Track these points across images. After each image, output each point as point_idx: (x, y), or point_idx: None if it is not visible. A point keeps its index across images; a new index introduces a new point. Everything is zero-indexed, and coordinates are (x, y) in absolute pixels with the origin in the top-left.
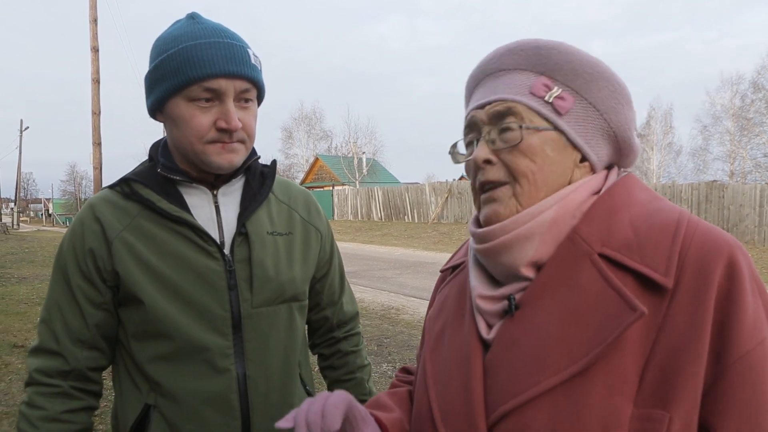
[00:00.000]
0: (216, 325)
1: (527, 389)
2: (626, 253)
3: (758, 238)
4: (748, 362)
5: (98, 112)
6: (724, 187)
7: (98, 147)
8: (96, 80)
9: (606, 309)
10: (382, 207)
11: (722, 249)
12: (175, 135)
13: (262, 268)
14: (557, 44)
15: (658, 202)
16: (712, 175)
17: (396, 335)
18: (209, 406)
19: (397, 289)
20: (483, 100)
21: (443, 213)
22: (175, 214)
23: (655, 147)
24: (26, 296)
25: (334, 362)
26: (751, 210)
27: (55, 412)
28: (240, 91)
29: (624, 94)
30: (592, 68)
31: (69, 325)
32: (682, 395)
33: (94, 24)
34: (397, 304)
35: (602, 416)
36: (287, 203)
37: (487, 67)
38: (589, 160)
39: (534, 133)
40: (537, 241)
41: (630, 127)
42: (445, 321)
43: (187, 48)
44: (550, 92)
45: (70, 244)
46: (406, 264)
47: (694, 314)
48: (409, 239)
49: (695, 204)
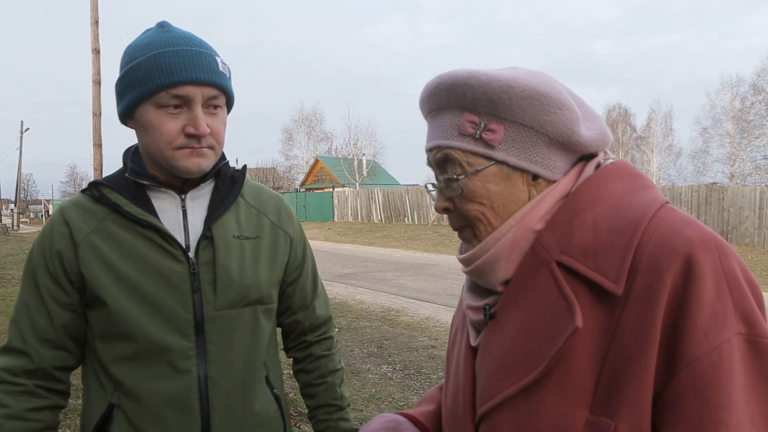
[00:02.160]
0: (179, 327)
1: (495, 395)
2: (581, 259)
3: (758, 240)
4: (696, 369)
5: (99, 113)
6: (723, 190)
7: (99, 148)
8: (97, 82)
9: (557, 318)
10: (382, 209)
11: (678, 248)
12: (145, 141)
13: (226, 271)
14: (468, 77)
15: (632, 195)
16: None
17: (396, 337)
18: (170, 407)
19: (397, 291)
20: (427, 144)
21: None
22: (141, 218)
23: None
24: None
25: (306, 366)
26: (751, 212)
27: (19, 410)
28: (208, 98)
29: (551, 102)
30: (507, 92)
31: (35, 325)
32: (628, 403)
33: (95, 26)
34: (397, 306)
35: (556, 423)
36: (257, 207)
37: (422, 108)
38: (540, 176)
39: (473, 177)
40: (504, 263)
41: (571, 129)
42: (457, 325)
43: (155, 56)
44: (477, 128)
45: (40, 246)
46: (406, 266)
47: (643, 321)
48: (409, 241)
49: (695, 206)
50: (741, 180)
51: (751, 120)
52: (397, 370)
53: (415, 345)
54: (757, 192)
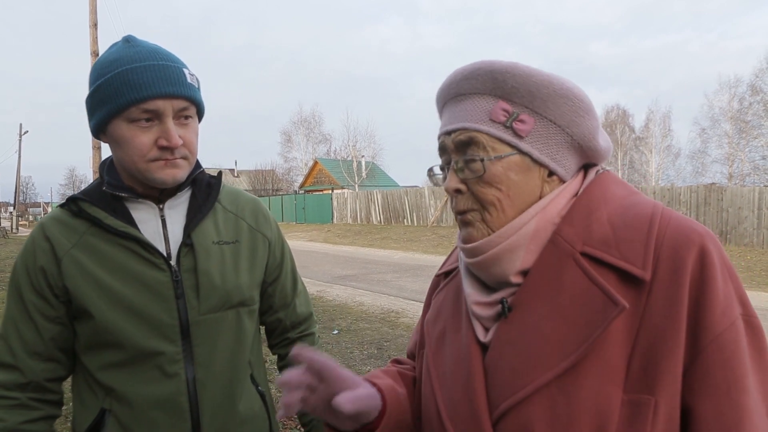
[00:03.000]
0: (165, 333)
1: (524, 386)
2: (606, 249)
3: (757, 241)
4: (720, 343)
5: None
6: (722, 190)
7: (98, 151)
8: None
9: (591, 305)
10: (382, 210)
11: (693, 239)
12: (119, 155)
13: (207, 277)
14: (511, 67)
15: (633, 197)
16: (711, 177)
17: (396, 338)
18: (160, 409)
19: (397, 292)
20: (448, 126)
21: (442, 216)
22: (121, 230)
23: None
24: None
25: (290, 362)
26: (750, 212)
27: (14, 423)
28: (178, 110)
29: (582, 106)
30: (547, 87)
31: (24, 339)
32: (665, 379)
33: (94, 28)
34: (396, 308)
35: (595, 405)
36: (234, 212)
37: (449, 91)
38: (556, 173)
39: (497, 161)
40: (522, 251)
41: (593, 135)
42: (444, 325)
43: (123, 72)
44: (509, 116)
45: (23, 262)
46: (406, 267)
47: (671, 302)
48: (408, 242)
49: (694, 207)
50: (740, 180)
51: (750, 120)
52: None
53: None
54: (755, 192)
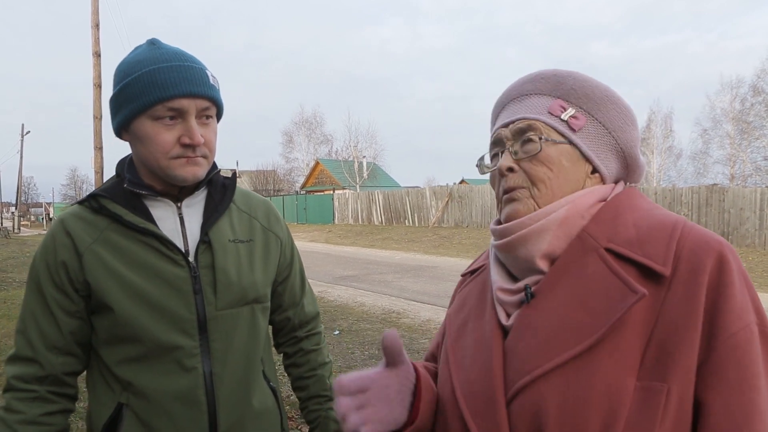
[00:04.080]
0: (183, 327)
1: (542, 365)
2: (629, 247)
3: (759, 242)
4: (734, 342)
5: (100, 116)
6: (724, 191)
7: (100, 151)
8: (98, 85)
9: (611, 294)
10: (383, 211)
11: (713, 246)
12: (141, 152)
13: (224, 274)
14: (572, 72)
15: (658, 210)
16: (713, 178)
17: None
18: (178, 403)
19: (398, 293)
20: (508, 119)
21: (444, 217)
22: (141, 226)
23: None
24: None
25: (297, 360)
26: (752, 213)
27: (33, 416)
28: (201, 109)
29: (630, 116)
30: (602, 92)
31: (44, 333)
32: (678, 369)
33: (96, 29)
34: (397, 308)
35: (607, 389)
36: (248, 212)
37: (511, 93)
38: (599, 171)
39: (551, 145)
40: (550, 236)
41: (636, 145)
42: (468, 314)
43: (150, 72)
44: (565, 112)
45: (43, 257)
46: (407, 268)
47: (689, 300)
48: (409, 243)
49: (695, 207)
50: (741, 181)
51: (751, 121)
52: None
53: (416, 347)
54: (757, 193)
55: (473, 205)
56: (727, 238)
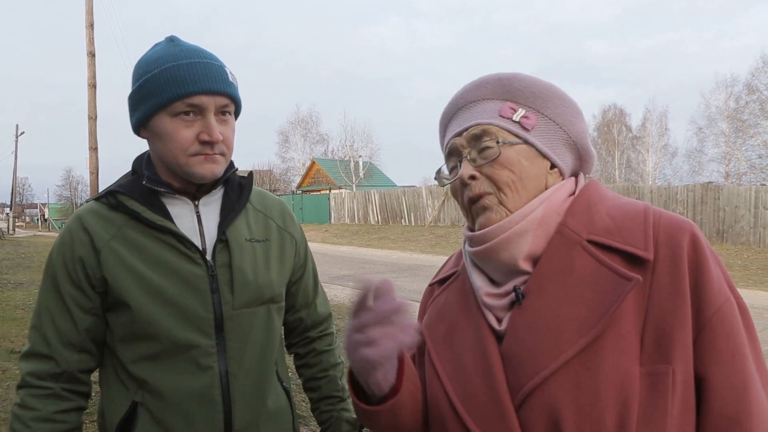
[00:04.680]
0: (200, 326)
1: (547, 365)
2: (610, 236)
3: (753, 240)
4: (721, 315)
5: (95, 116)
6: (719, 189)
7: (95, 152)
8: (92, 85)
9: (603, 284)
10: (379, 210)
11: (684, 227)
12: (160, 149)
13: (241, 273)
14: (516, 74)
15: (623, 199)
16: (708, 176)
17: None
18: (194, 402)
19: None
20: (460, 127)
21: (440, 216)
22: (159, 224)
23: (651, 149)
24: (23, 302)
25: (309, 360)
26: (747, 211)
27: (48, 413)
28: (220, 106)
29: (576, 109)
30: (548, 90)
31: (60, 329)
32: (679, 348)
33: (90, 29)
34: None
35: (618, 378)
36: (263, 212)
37: (458, 102)
38: (557, 165)
39: (509, 147)
40: (530, 236)
41: (585, 136)
42: (451, 323)
43: (170, 68)
44: (516, 113)
45: (60, 253)
46: (403, 267)
47: (675, 279)
48: (406, 242)
49: (691, 206)
50: (736, 179)
51: (746, 119)
52: None
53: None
54: (752, 191)
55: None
56: (722, 236)
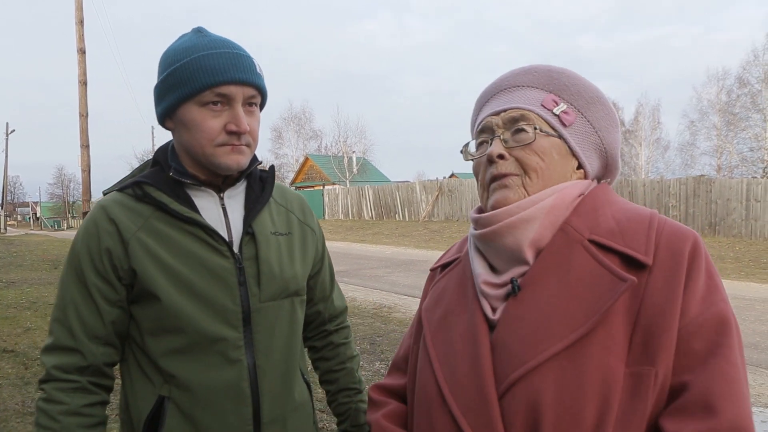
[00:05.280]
0: (228, 319)
1: (535, 356)
2: (611, 238)
3: (745, 232)
4: (699, 322)
5: (86, 114)
6: (711, 182)
7: (86, 149)
8: (83, 82)
9: (599, 283)
10: (373, 206)
11: (688, 234)
12: (186, 139)
13: (268, 266)
14: (565, 69)
15: (631, 204)
16: (700, 169)
17: (388, 333)
18: (222, 395)
19: (389, 287)
20: (499, 107)
21: (434, 211)
22: (187, 215)
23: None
24: (15, 301)
25: (326, 354)
26: (738, 204)
27: (76, 406)
28: (248, 97)
29: (615, 119)
30: (593, 92)
31: (85, 322)
32: (663, 350)
33: (80, 25)
34: (389, 303)
35: (601, 376)
36: (285, 206)
37: (503, 83)
38: (584, 167)
39: (544, 137)
40: (537, 224)
41: (617, 146)
42: (447, 308)
43: (199, 57)
44: (557, 106)
45: (84, 244)
46: (398, 262)
47: (671, 284)
48: (400, 238)
49: (683, 198)
50: (728, 172)
51: (737, 113)
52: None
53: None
54: (743, 184)
55: (463, 199)
56: (715, 228)
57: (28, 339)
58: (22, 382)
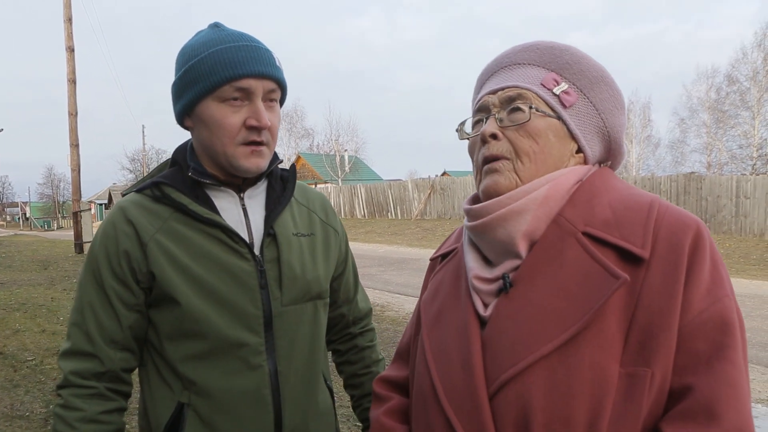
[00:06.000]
0: (249, 324)
1: (525, 357)
2: (607, 230)
3: (735, 228)
4: (701, 320)
5: (75, 112)
6: (701, 179)
7: (76, 148)
8: (72, 80)
9: (592, 280)
10: (365, 204)
11: (690, 224)
12: (206, 137)
13: (290, 268)
14: (569, 47)
15: (632, 189)
16: (690, 167)
17: (381, 332)
18: (243, 402)
19: (382, 286)
20: (496, 86)
21: (426, 209)
22: (207, 217)
23: (634, 140)
24: (4, 302)
25: (351, 357)
26: (728, 201)
27: (93, 413)
28: (267, 91)
29: (621, 101)
30: (598, 72)
31: (103, 326)
32: (662, 351)
33: (68, 23)
34: (382, 302)
35: (594, 377)
36: (306, 206)
37: (503, 60)
38: (584, 151)
39: (540, 117)
40: (530, 216)
41: (622, 131)
42: (442, 302)
43: (217, 51)
44: (558, 86)
45: (103, 246)
46: (391, 261)
47: (670, 281)
48: (392, 236)
49: (674, 196)
50: (718, 169)
51: (727, 110)
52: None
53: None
54: (733, 181)
55: (456, 197)
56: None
57: (17, 341)
58: (11, 385)
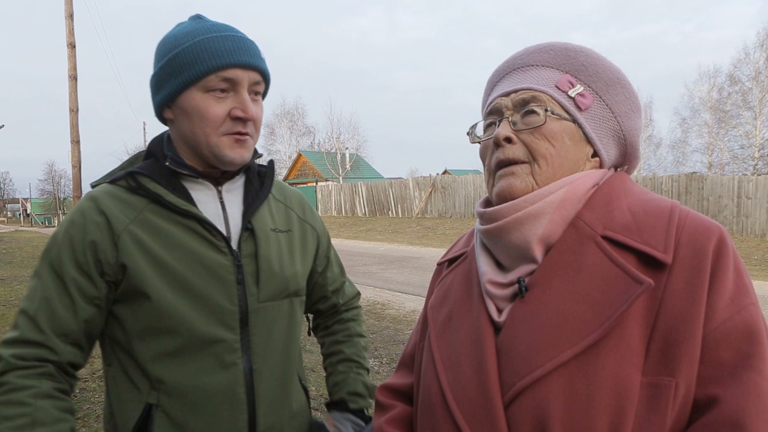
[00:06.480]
0: (225, 320)
1: (542, 364)
2: (627, 234)
3: (736, 228)
4: (726, 328)
5: (76, 109)
6: (703, 179)
7: (77, 145)
8: (73, 77)
9: (613, 285)
10: (366, 202)
11: (713, 229)
12: (187, 128)
13: (268, 264)
14: (584, 48)
15: (650, 194)
16: (691, 167)
17: (382, 330)
18: (216, 401)
19: (383, 284)
20: (509, 88)
21: (427, 207)
22: (183, 208)
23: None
24: (4, 298)
25: (335, 327)
26: (730, 201)
27: (47, 389)
28: (253, 83)
29: (637, 104)
30: (614, 74)
31: (57, 316)
32: (686, 360)
33: (70, 19)
34: (382, 300)
35: (615, 386)
36: (284, 202)
37: (515, 61)
38: (599, 155)
39: (555, 120)
40: (546, 220)
41: (638, 134)
42: (452, 308)
43: (204, 40)
44: (573, 88)
45: (67, 235)
46: (391, 259)
47: (692, 287)
48: (393, 234)
49: (676, 196)
50: (719, 169)
51: (729, 110)
52: (383, 363)
53: (402, 338)
54: (735, 181)
55: (456, 196)
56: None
57: None
58: None
